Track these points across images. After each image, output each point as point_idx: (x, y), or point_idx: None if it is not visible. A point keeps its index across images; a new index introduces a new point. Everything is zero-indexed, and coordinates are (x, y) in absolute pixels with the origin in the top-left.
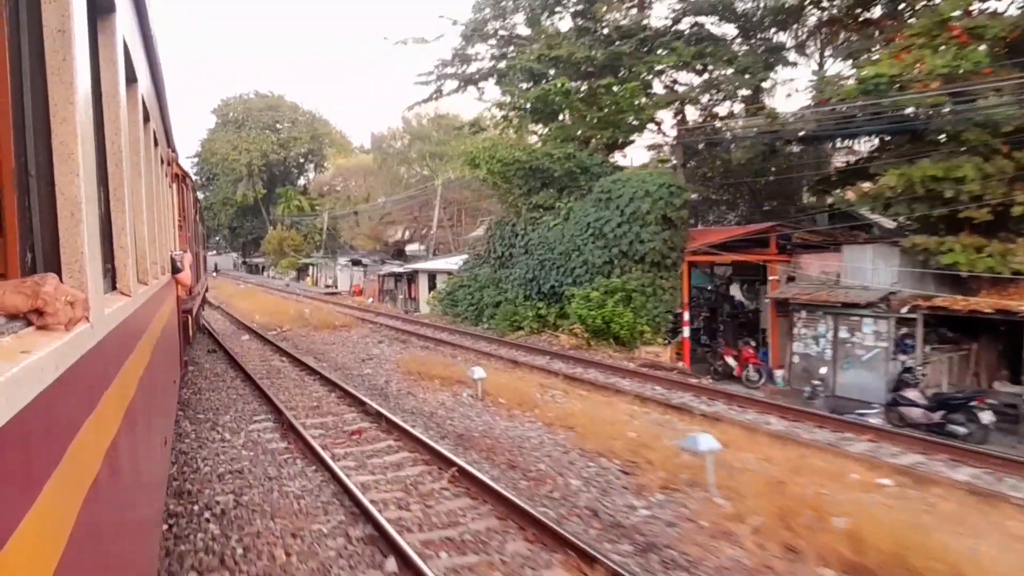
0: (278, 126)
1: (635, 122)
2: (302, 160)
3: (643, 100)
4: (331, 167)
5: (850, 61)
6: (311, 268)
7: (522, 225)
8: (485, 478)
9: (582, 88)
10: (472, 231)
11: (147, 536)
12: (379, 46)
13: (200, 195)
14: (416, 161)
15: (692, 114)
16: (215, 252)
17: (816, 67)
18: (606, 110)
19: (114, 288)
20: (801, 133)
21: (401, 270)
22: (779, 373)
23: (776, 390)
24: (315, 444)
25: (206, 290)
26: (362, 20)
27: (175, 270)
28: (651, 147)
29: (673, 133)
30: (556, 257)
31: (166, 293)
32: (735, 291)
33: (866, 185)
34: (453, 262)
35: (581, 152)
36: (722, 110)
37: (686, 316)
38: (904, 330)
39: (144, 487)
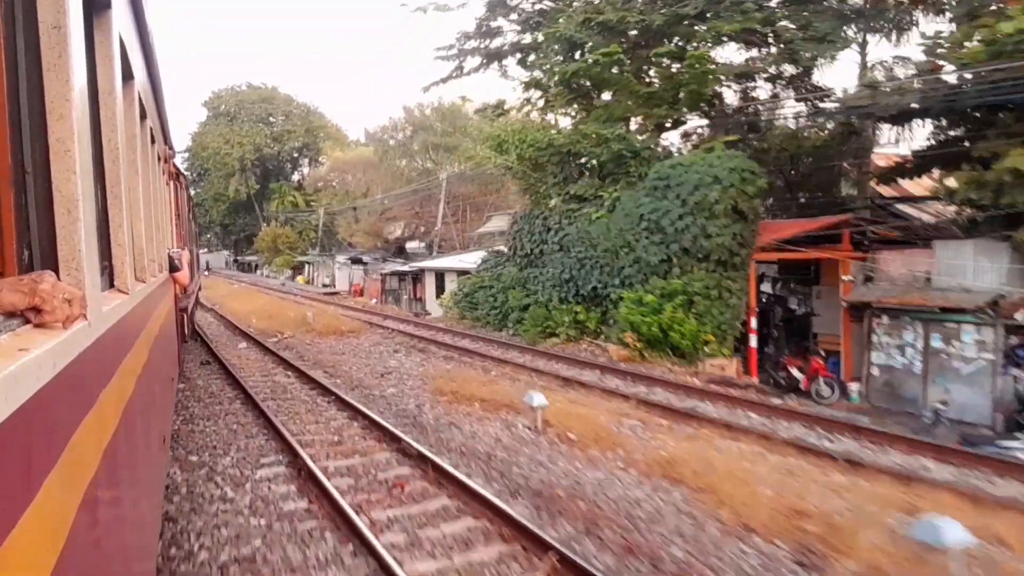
0: (271, 119)
1: (694, 97)
2: (296, 155)
3: (710, 68)
4: (328, 160)
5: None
6: (307, 266)
7: (556, 218)
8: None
9: (626, 60)
10: (478, 227)
11: (146, 533)
12: (378, 45)
13: (191, 191)
14: (419, 153)
15: (729, 97)
16: (206, 250)
17: (858, 45)
18: (658, 85)
19: (112, 286)
20: (914, 105)
21: (406, 269)
22: (854, 387)
23: (852, 407)
24: (345, 505)
25: (199, 289)
26: (361, 19)
27: (173, 268)
28: (686, 136)
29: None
30: (600, 255)
31: (164, 291)
32: (767, 288)
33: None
34: (466, 260)
35: (630, 134)
36: (761, 93)
37: (753, 323)
38: (1013, 339)
39: (143, 485)
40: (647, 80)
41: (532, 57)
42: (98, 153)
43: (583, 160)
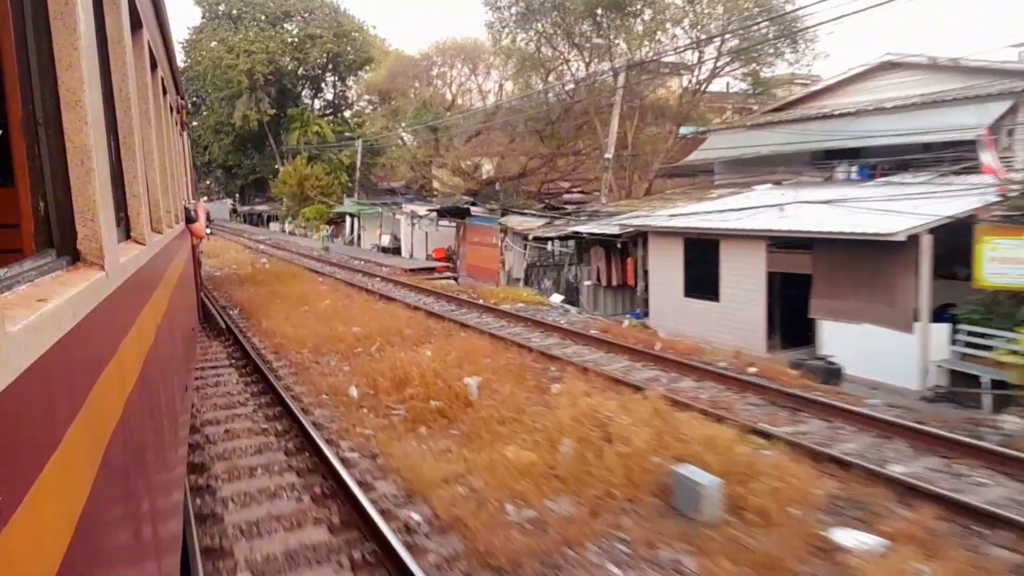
0: (287, 26)
1: None
2: (320, 71)
3: None
4: (382, 64)
5: None
6: (350, 220)
7: None
8: None
9: None
10: (663, 159)
11: (171, 477)
12: None
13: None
14: (560, 31)
15: None
16: (206, 199)
17: None
18: None
19: (128, 237)
20: None
21: (613, 231)
22: None
23: None
24: None
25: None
26: None
27: (189, 220)
28: None
29: None
30: None
31: (181, 242)
32: None
33: None
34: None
35: None
36: None
37: None
38: None
39: (165, 432)
40: None
41: None
42: (110, 103)
43: None
